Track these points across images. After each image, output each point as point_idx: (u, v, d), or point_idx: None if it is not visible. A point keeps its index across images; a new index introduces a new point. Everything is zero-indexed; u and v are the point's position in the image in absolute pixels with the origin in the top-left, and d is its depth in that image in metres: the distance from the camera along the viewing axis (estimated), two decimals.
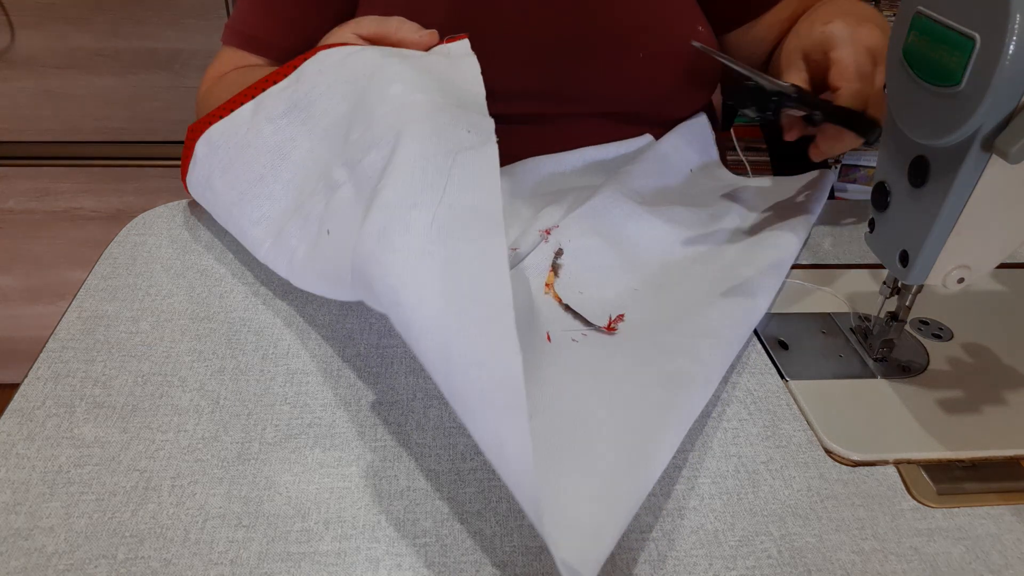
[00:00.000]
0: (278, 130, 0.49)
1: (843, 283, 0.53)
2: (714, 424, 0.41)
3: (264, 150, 0.48)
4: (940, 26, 0.34)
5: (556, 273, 0.49)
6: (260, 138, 0.49)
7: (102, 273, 0.51)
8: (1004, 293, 0.54)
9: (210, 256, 0.53)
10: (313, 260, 0.43)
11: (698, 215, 0.56)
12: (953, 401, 0.44)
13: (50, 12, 1.11)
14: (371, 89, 0.46)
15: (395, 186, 0.38)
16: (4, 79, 1.16)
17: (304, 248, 0.44)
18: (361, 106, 0.46)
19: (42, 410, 0.40)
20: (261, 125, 0.49)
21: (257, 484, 0.37)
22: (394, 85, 0.45)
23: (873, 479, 0.39)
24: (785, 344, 0.47)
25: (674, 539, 0.35)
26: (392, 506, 0.36)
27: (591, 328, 0.46)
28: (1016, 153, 0.32)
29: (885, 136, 0.41)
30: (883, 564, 0.35)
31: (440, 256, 0.35)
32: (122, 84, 1.18)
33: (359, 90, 0.47)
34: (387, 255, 0.35)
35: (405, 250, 0.35)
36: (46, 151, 1.23)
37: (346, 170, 0.44)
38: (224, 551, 0.34)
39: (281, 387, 0.43)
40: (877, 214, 0.42)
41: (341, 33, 0.54)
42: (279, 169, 0.48)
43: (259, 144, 0.49)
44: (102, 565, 0.33)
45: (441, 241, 0.35)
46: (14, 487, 0.36)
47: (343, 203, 0.42)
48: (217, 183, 0.50)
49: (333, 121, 0.47)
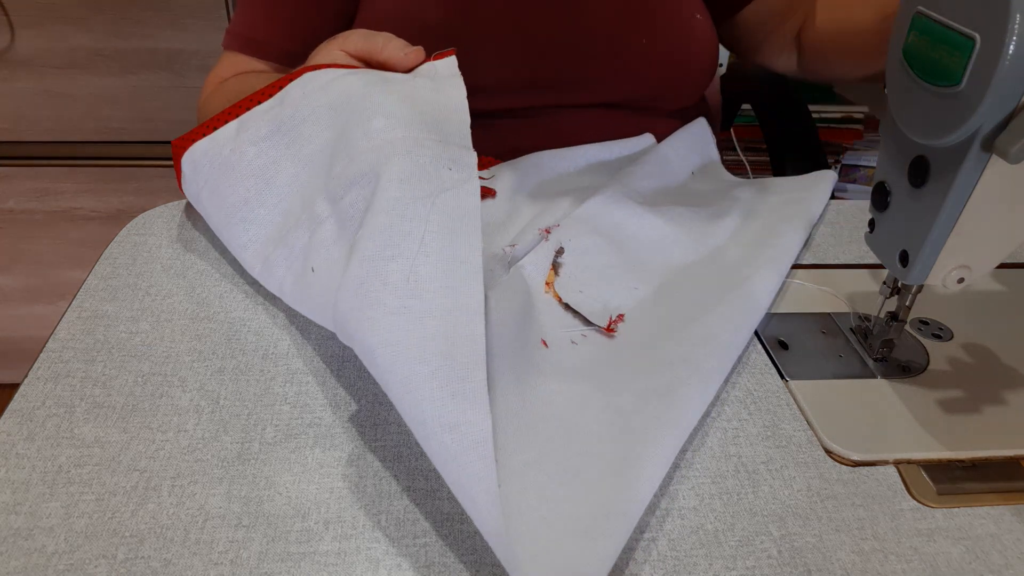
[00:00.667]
0: (261, 153, 0.48)
1: (843, 283, 0.53)
2: (714, 424, 0.41)
3: (248, 173, 0.48)
4: (940, 26, 0.34)
5: (556, 272, 0.49)
6: (244, 160, 0.49)
7: (102, 273, 0.51)
8: (1004, 293, 0.54)
9: (210, 256, 0.53)
10: (300, 294, 0.44)
11: (699, 215, 0.56)
12: (953, 401, 0.44)
13: (50, 12, 1.11)
14: (353, 121, 0.46)
15: (373, 236, 0.39)
16: (4, 79, 1.16)
17: (291, 280, 0.45)
18: (344, 137, 0.46)
19: (42, 410, 0.40)
20: (244, 147, 0.49)
21: (257, 484, 0.37)
22: (376, 119, 0.45)
23: (873, 479, 0.39)
24: (785, 344, 0.47)
25: (674, 539, 0.35)
26: (392, 506, 0.36)
27: (591, 328, 0.46)
28: (1016, 153, 0.32)
29: (885, 136, 0.41)
30: (883, 564, 0.35)
31: (416, 311, 0.36)
32: (122, 84, 1.18)
33: (342, 120, 0.47)
34: (365, 311, 0.36)
35: (382, 306, 0.36)
36: (46, 151, 1.23)
37: (329, 205, 0.44)
38: (224, 551, 0.34)
39: (281, 387, 0.43)
40: (877, 214, 0.42)
41: (328, 50, 0.53)
42: (263, 194, 0.48)
43: (243, 167, 0.48)
44: (102, 565, 0.33)
45: (418, 295, 0.37)
46: (14, 487, 0.36)
47: (326, 240, 0.43)
48: (205, 202, 0.50)
49: (317, 148, 0.48)
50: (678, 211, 0.55)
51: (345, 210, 0.43)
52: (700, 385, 0.41)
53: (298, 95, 0.50)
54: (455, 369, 0.34)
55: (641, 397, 0.40)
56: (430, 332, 0.35)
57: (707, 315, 0.45)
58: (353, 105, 0.47)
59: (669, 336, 0.44)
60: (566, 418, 0.39)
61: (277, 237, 0.47)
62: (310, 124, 0.48)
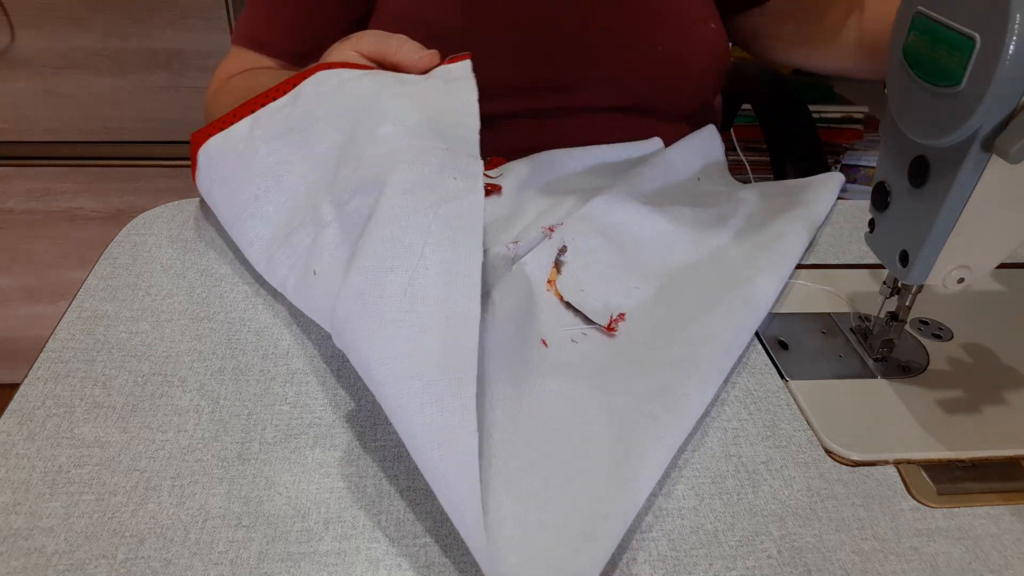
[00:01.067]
0: (273, 151, 0.49)
1: (843, 283, 0.53)
2: (714, 424, 0.41)
3: (259, 171, 0.49)
4: (940, 26, 0.34)
5: (559, 270, 0.49)
6: (256, 157, 0.49)
7: (102, 273, 0.51)
8: (1004, 293, 0.54)
9: (210, 256, 0.53)
10: (302, 294, 0.44)
11: (703, 216, 0.56)
12: (953, 401, 0.44)
13: (50, 12, 1.11)
14: (362, 126, 0.46)
15: (374, 246, 0.39)
16: (4, 79, 1.16)
17: (294, 280, 0.45)
18: (353, 141, 0.46)
19: (42, 410, 0.40)
20: (257, 144, 0.49)
21: (257, 484, 0.37)
22: (385, 125, 0.45)
23: (873, 479, 0.39)
24: (785, 344, 0.47)
25: (674, 539, 0.35)
26: (392, 506, 0.36)
27: (591, 327, 0.46)
28: (1016, 153, 0.32)
29: (885, 136, 0.41)
30: (883, 564, 0.35)
31: (412, 323, 0.36)
32: (122, 84, 1.18)
33: (352, 123, 0.47)
34: (362, 321, 0.37)
35: (378, 317, 0.37)
36: (46, 151, 1.23)
37: (334, 208, 0.45)
38: (224, 551, 0.34)
39: (281, 387, 0.43)
40: (877, 214, 0.42)
41: (342, 50, 0.53)
42: (273, 191, 0.48)
43: (255, 164, 0.49)
44: (102, 565, 0.33)
45: (414, 308, 0.37)
46: (14, 487, 0.36)
47: (329, 244, 0.43)
48: (216, 196, 0.51)
49: (326, 149, 0.48)
50: (682, 211, 0.55)
51: (349, 215, 0.43)
52: (699, 385, 0.41)
53: (311, 95, 0.50)
54: (446, 384, 0.34)
55: (640, 397, 0.40)
56: (424, 345, 0.36)
57: (708, 315, 0.45)
58: (364, 109, 0.47)
59: (669, 336, 0.44)
60: (563, 419, 0.39)
61: (282, 236, 0.47)
62: (322, 125, 0.49)
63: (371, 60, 0.53)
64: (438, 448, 0.33)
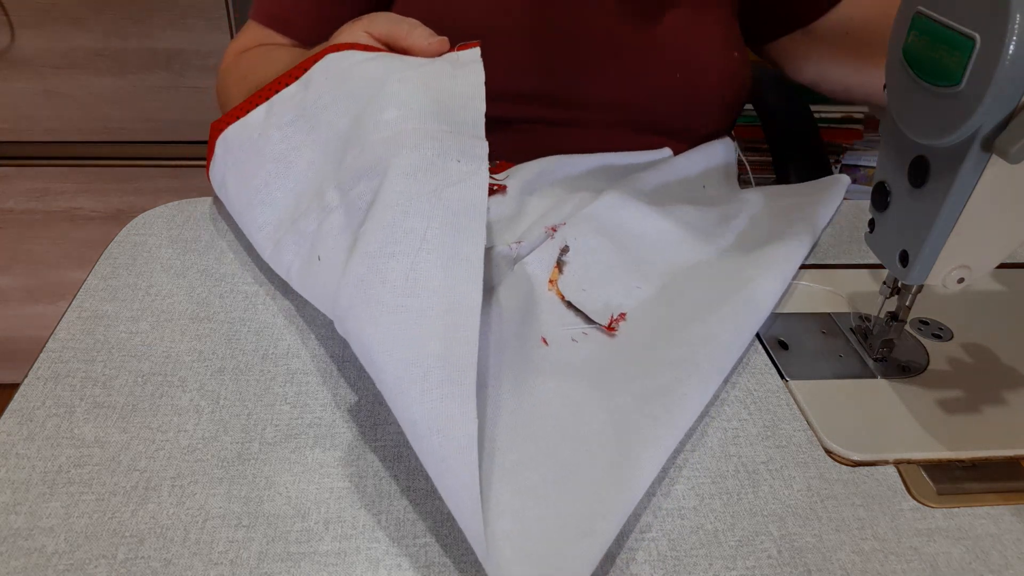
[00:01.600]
0: (285, 138, 0.49)
1: (843, 283, 0.53)
2: (714, 424, 0.41)
3: (271, 157, 0.49)
4: (940, 26, 0.34)
5: (561, 270, 0.49)
6: (269, 144, 0.49)
7: (102, 273, 0.51)
8: (1004, 293, 0.54)
9: (210, 256, 0.53)
10: (306, 280, 0.44)
11: (706, 217, 0.56)
12: (953, 401, 0.44)
13: (50, 12, 1.11)
14: (368, 111, 0.46)
15: (376, 232, 0.39)
16: (4, 79, 1.16)
17: (298, 265, 0.45)
18: (358, 126, 0.46)
19: (42, 410, 0.40)
20: (271, 131, 0.50)
21: (257, 484, 0.37)
22: (389, 110, 0.45)
23: (873, 479, 0.39)
24: (785, 344, 0.47)
25: (674, 539, 0.35)
26: (392, 506, 0.36)
27: (592, 326, 0.46)
28: (1016, 153, 0.32)
29: (885, 136, 0.41)
30: (883, 564, 0.35)
31: (413, 310, 0.36)
32: (122, 84, 1.18)
33: (359, 109, 0.47)
34: (363, 308, 0.37)
35: (380, 304, 0.36)
36: (46, 151, 1.23)
37: (339, 194, 0.45)
38: (224, 551, 0.34)
39: (281, 387, 0.43)
40: (877, 214, 0.42)
41: (352, 30, 0.53)
42: (282, 177, 0.48)
43: (267, 151, 0.49)
44: (102, 565, 0.33)
45: (416, 294, 0.37)
46: (14, 487, 0.36)
47: (334, 229, 0.43)
48: (230, 184, 0.51)
49: (334, 135, 0.48)
50: (685, 212, 0.55)
51: (353, 201, 0.43)
52: (699, 385, 0.41)
53: (321, 80, 0.50)
54: (447, 371, 0.34)
55: (639, 396, 0.40)
56: (425, 332, 0.36)
57: (709, 316, 0.45)
58: (371, 94, 0.47)
59: (670, 336, 0.44)
60: (562, 418, 0.39)
61: (288, 221, 0.47)
62: (331, 111, 0.48)
63: (381, 43, 0.53)
64: (438, 434, 0.33)
